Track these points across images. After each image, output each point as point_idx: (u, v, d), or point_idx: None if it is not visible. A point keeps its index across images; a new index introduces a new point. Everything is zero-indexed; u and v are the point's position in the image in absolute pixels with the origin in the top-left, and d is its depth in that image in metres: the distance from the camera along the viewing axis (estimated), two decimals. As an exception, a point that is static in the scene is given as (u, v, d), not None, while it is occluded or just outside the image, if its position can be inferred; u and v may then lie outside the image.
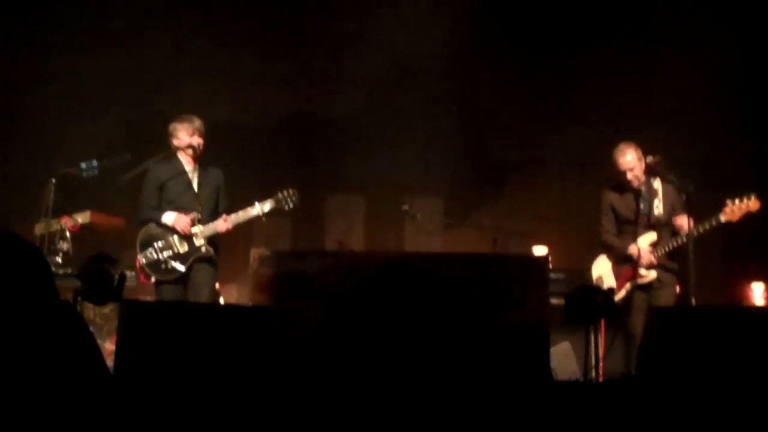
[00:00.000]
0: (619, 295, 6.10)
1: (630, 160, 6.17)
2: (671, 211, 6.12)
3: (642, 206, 6.22)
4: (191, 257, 6.04)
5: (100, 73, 8.74)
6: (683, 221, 5.88)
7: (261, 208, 6.14)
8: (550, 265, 6.25)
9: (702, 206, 5.97)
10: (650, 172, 6.13)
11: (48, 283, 2.59)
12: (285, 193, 6.20)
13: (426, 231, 8.16)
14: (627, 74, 8.62)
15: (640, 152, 6.20)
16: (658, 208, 6.17)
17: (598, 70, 8.69)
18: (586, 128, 8.34)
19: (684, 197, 5.89)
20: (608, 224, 6.39)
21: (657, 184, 6.17)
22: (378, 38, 8.87)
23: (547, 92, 8.90)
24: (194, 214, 6.06)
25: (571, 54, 8.78)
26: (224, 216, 6.12)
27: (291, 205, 6.22)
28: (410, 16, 8.83)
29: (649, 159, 6.02)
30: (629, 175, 6.18)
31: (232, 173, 6.56)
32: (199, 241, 6.05)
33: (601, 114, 8.32)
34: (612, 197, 6.37)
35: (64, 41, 8.70)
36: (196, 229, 6.05)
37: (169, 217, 6.06)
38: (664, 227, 6.17)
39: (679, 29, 8.44)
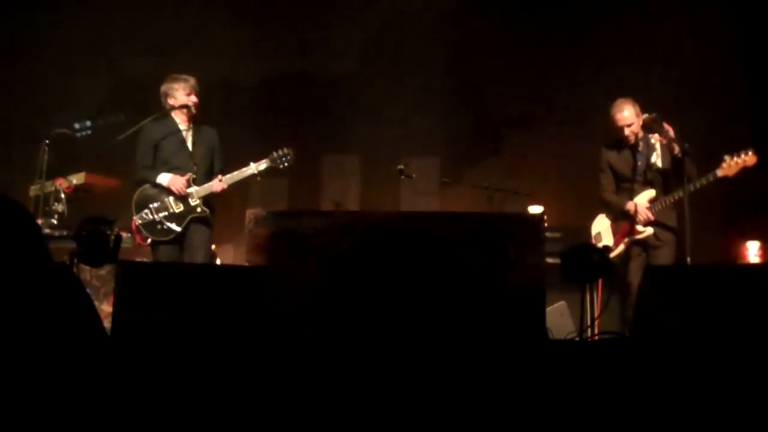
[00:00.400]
0: (616, 252, 6.13)
1: (627, 116, 6.16)
2: (669, 167, 6.12)
3: (639, 162, 6.22)
4: (187, 217, 6.04)
5: (93, 34, 8.67)
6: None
7: (256, 167, 6.13)
8: (546, 224, 6.26)
9: (700, 164, 5.98)
10: (647, 129, 6.12)
11: (38, 243, 2.58)
12: (280, 152, 6.19)
13: (422, 190, 8.15)
14: (625, 31, 8.55)
15: (638, 108, 6.19)
16: (656, 164, 6.16)
17: (596, 27, 8.63)
18: (584, 86, 8.31)
19: (680, 155, 5.89)
20: (606, 182, 6.40)
21: (654, 140, 6.16)
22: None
23: (544, 50, 8.85)
24: (189, 175, 6.05)
25: (568, 11, 8.72)
26: (219, 176, 6.11)
27: (286, 164, 6.21)
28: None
29: (646, 116, 6.01)
30: (627, 131, 6.17)
31: (227, 134, 6.54)
32: (194, 202, 6.04)
33: (599, 72, 8.29)
34: (609, 155, 6.37)
35: (56, 3, 8.62)
36: (192, 189, 6.04)
37: (164, 178, 6.05)
38: (663, 184, 6.16)
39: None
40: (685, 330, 3.49)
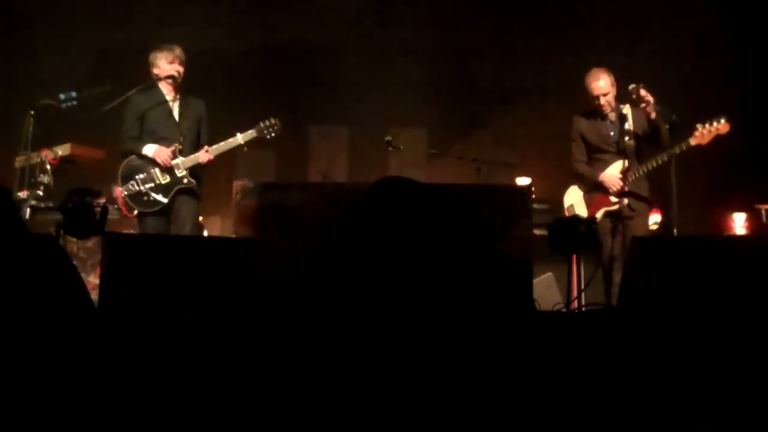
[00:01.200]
0: None
1: (603, 85, 6.16)
2: (641, 136, 6.11)
3: (612, 132, 6.21)
4: (173, 188, 6.01)
5: (79, 4, 8.59)
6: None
7: (243, 138, 6.11)
8: (534, 196, 6.27)
9: (686, 131, 5.98)
10: (630, 99, 6.09)
11: (12, 215, 2.57)
12: (267, 122, 6.16)
13: (410, 162, 8.13)
14: (612, 6, 8.54)
15: (612, 77, 6.19)
16: (629, 133, 6.14)
17: (583, 1, 8.62)
18: (571, 58, 8.29)
19: (657, 121, 5.89)
20: (578, 152, 6.37)
21: (626, 110, 6.13)
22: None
23: (532, 22, 8.82)
24: (175, 146, 6.02)
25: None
26: (206, 147, 6.08)
27: (273, 135, 6.19)
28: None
29: (631, 87, 5.99)
30: (602, 101, 6.16)
31: (214, 104, 6.50)
32: (180, 173, 6.02)
33: (585, 45, 8.28)
34: (582, 125, 6.35)
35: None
36: (178, 160, 6.02)
37: (149, 149, 6.01)
38: (636, 153, 6.15)
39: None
40: (672, 301, 3.51)
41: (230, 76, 8.63)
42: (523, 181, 7.34)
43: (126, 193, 6.01)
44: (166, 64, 6.15)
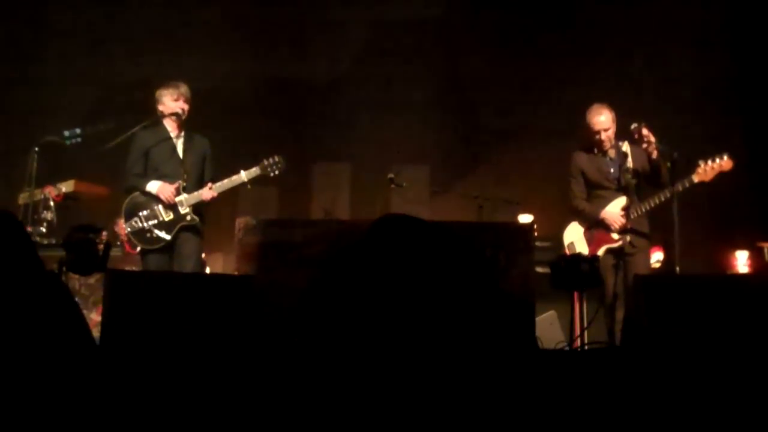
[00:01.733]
0: None
1: (604, 120, 6.16)
2: (643, 172, 6.11)
3: (612, 169, 6.21)
4: (176, 226, 6.01)
5: (82, 40, 8.66)
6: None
7: (246, 175, 6.12)
8: (536, 233, 6.26)
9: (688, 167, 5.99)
10: (631, 138, 6.10)
11: (30, 253, 2.58)
12: (271, 160, 6.18)
13: (412, 199, 8.15)
14: (614, 42, 8.60)
15: (613, 114, 6.20)
16: (629, 171, 6.15)
17: (585, 37, 8.67)
18: (571, 96, 8.33)
19: (658, 160, 5.89)
20: (578, 189, 6.36)
21: (626, 147, 6.14)
22: (363, 3, 8.84)
23: (534, 59, 8.87)
24: (179, 183, 6.04)
25: (558, 21, 8.76)
26: (209, 184, 6.09)
27: (277, 172, 6.20)
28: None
29: (634, 126, 6.00)
30: (603, 136, 6.16)
31: (216, 140, 6.53)
32: (184, 210, 6.02)
33: (586, 82, 8.32)
34: (582, 160, 6.34)
35: (41, 11, 8.62)
36: (181, 197, 6.03)
37: (153, 186, 6.03)
38: (636, 191, 6.16)
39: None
40: (674, 340, 3.50)
41: (233, 111, 8.67)
42: (525, 218, 7.35)
43: (129, 229, 6.02)
44: (171, 102, 6.18)
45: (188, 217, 6.03)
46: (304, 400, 2.81)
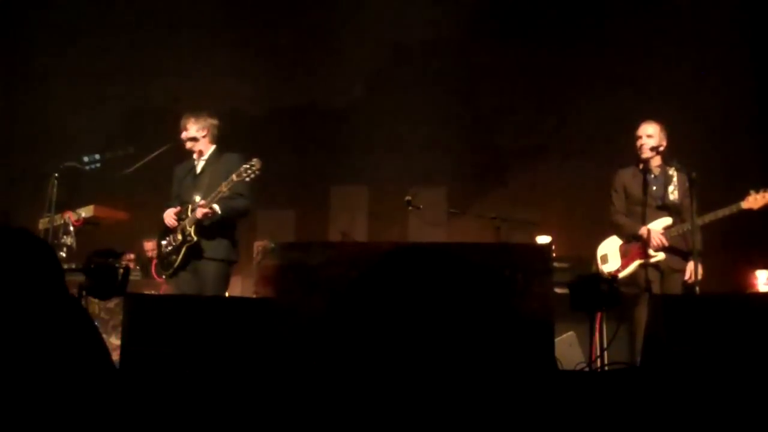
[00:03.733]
0: (624, 273, 6.12)
1: (653, 133, 6.17)
2: (683, 201, 6.12)
3: (655, 188, 6.21)
4: (182, 248, 5.99)
5: (101, 65, 8.75)
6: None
7: (225, 184, 5.92)
8: (554, 254, 6.25)
9: (710, 194, 5.98)
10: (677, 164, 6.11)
11: (59, 279, 2.60)
12: (247, 164, 5.97)
13: (429, 221, 8.16)
14: (628, 61, 8.59)
15: (665, 132, 6.20)
16: (674, 193, 6.15)
17: (602, 56, 8.67)
18: (588, 116, 8.34)
19: (687, 184, 5.90)
20: (618, 203, 6.37)
21: (672, 171, 6.15)
22: (378, 27, 8.88)
23: (551, 80, 8.88)
24: (178, 208, 6.02)
25: (571, 40, 8.77)
26: (201, 202, 5.99)
27: (252, 176, 5.94)
28: (410, 4, 8.83)
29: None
30: (642, 141, 6.15)
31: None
32: (187, 231, 6.01)
33: (606, 102, 8.31)
34: (625, 176, 6.35)
35: (62, 35, 8.71)
36: (188, 218, 6.01)
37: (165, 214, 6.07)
38: (677, 213, 6.15)
39: (684, 14, 8.42)
40: (695, 360, 3.48)
41: (251, 136, 8.69)
42: (543, 239, 7.33)
43: (156, 258, 6.07)
44: (183, 131, 6.20)
45: (188, 237, 5.98)
46: (323, 423, 2.81)
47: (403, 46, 9.07)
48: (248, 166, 5.82)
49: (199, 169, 6.22)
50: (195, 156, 6.24)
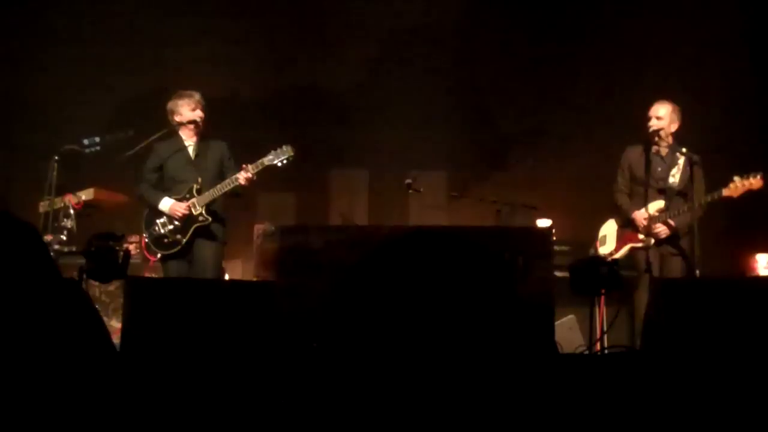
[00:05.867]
0: (617, 255, 6.15)
1: (664, 114, 6.16)
2: (684, 184, 6.11)
3: (659, 168, 6.20)
4: (191, 227, 6.01)
5: (101, 49, 8.71)
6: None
7: (267, 161, 6.04)
8: (554, 238, 6.26)
9: (711, 180, 5.99)
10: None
11: (46, 260, 2.60)
12: (279, 150, 6.09)
13: (430, 205, 8.15)
14: (628, 45, 8.56)
15: (677, 113, 6.19)
16: (674, 177, 6.15)
17: (603, 41, 8.63)
18: (588, 99, 8.32)
19: (689, 168, 5.91)
20: (623, 182, 6.41)
21: (681, 158, 6.13)
22: (380, 10, 8.83)
23: (551, 63, 8.84)
24: (189, 202, 6.02)
25: (575, 24, 8.73)
26: (243, 165, 6.05)
27: (285, 162, 6.07)
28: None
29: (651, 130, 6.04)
30: (651, 121, 6.17)
31: (234, 148, 6.54)
32: (196, 211, 6.01)
33: (607, 85, 8.30)
34: (632, 156, 6.35)
35: (63, 19, 8.67)
36: (193, 199, 6.02)
37: (165, 205, 6.04)
38: (675, 197, 6.14)
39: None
40: (695, 344, 3.48)
41: (250, 119, 8.68)
42: (543, 222, 7.33)
43: (148, 237, 6.04)
44: (188, 111, 6.19)
45: (200, 217, 6.01)
46: (323, 404, 2.82)
47: (403, 30, 9.02)
48: (282, 152, 5.95)
49: (193, 151, 6.22)
50: (186, 138, 6.23)
